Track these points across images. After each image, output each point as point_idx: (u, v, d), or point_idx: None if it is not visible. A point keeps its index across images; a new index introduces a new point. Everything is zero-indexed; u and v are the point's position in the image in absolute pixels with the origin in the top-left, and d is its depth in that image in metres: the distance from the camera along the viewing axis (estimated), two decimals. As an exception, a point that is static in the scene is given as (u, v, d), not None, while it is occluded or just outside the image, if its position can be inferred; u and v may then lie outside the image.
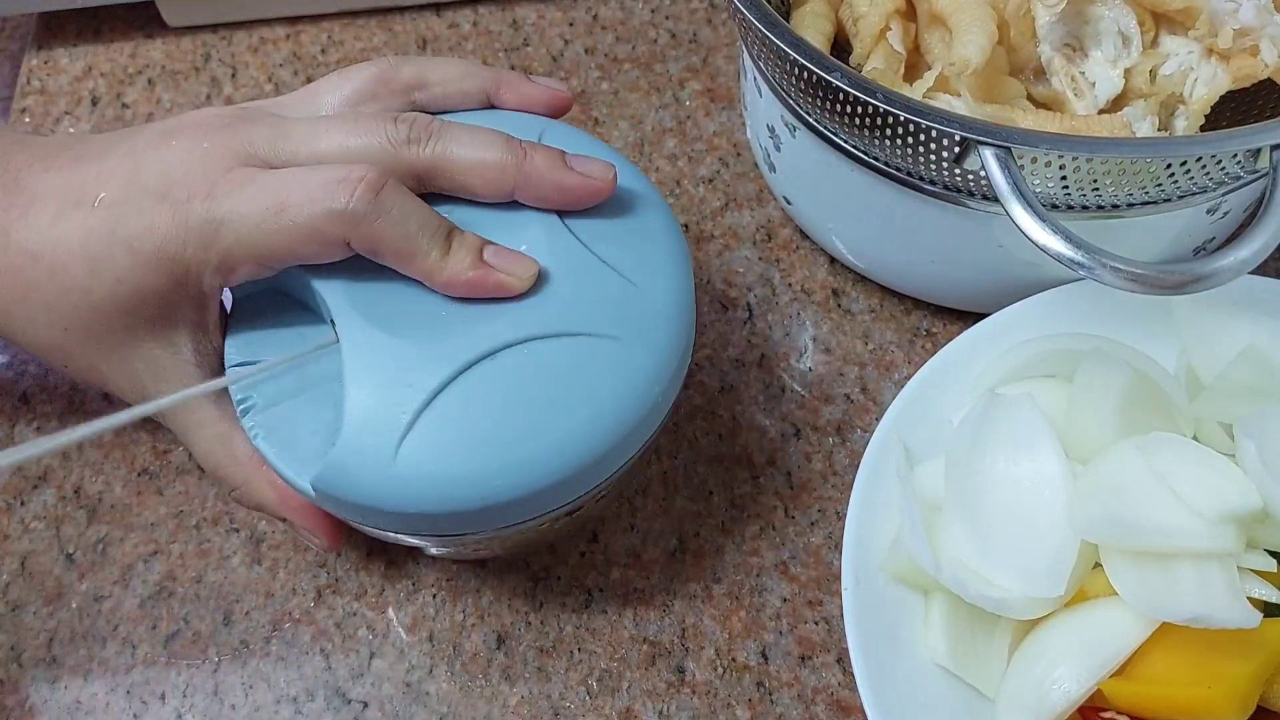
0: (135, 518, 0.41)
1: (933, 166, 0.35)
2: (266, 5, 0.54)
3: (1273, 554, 0.32)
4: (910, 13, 0.41)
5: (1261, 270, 0.37)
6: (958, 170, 0.35)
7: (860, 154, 0.38)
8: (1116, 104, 0.40)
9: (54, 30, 0.55)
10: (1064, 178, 0.34)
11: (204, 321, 0.34)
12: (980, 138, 0.33)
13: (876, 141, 0.36)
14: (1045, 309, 0.38)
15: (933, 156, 0.35)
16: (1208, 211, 0.38)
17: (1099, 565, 0.32)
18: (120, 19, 0.55)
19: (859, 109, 0.35)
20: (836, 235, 0.43)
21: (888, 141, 0.36)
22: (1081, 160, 0.33)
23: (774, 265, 0.46)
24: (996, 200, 0.33)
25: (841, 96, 0.35)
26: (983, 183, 0.35)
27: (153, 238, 0.31)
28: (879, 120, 0.35)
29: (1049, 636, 0.32)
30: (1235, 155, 0.33)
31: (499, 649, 0.38)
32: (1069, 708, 0.31)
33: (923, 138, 0.34)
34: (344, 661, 0.38)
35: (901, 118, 0.34)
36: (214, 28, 0.55)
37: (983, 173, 0.33)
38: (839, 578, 0.34)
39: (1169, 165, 0.33)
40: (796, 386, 0.43)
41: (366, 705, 0.37)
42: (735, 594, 0.39)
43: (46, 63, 0.54)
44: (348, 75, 0.36)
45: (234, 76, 0.53)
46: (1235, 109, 0.42)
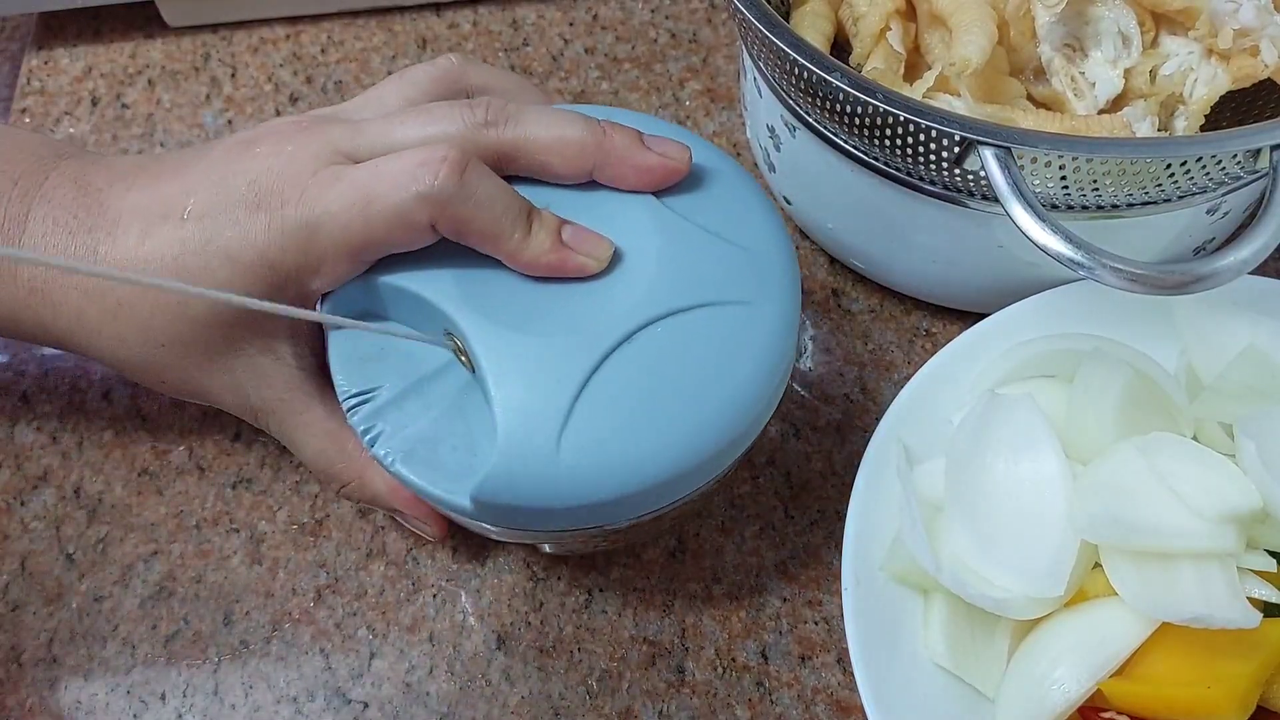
0: (135, 518, 0.41)
1: (933, 167, 0.35)
2: (266, 5, 0.54)
3: (1273, 554, 0.32)
4: (910, 13, 0.41)
5: (1261, 270, 0.37)
6: (958, 170, 0.35)
7: (860, 154, 0.38)
8: (1116, 104, 0.40)
9: (54, 30, 0.55)
10: (1064, 178, 0.34)
11: (303, 325, 0.34)
12: (980, 138, 0.33)
13: (876, 142, 0.36)
14: (1045, 309, 0.38)
15: (933, 157, 0.35)
16: (1208, 211, 0.38)
17: (1099, 565, 0.32)
18: (120, 19, 0.55)
19: (859, 109, 0.35)
20: (836, 235, 0.43)
21: (888, 142, 0.36)
22: (1081, 160, 0.33)
23: (774, 265, 0.46)
24: (996, 200, 0.33)
25: (841, 96, 0.35)
26: (983, 183, 0.35)
27: (251, 247, 0.31)
28: (879, 120, 0.35)
29: (1049, 636, 0.32)
30: (1235, 155, 0.33)
31: (499, 649, 0.38)
32: (1069, 708, 0.31)
33: (923, 138, 0.34)
34: (344, 661, 0.38)
35: (901, 118, 0.34)
36: (214, 28, 0.55)
37: (983, 173, 0.33)
38: (839, 578, 0.34)
39: (1169, 165, 0.33)
40: (796, 386, 0.43)
41: (366, 705, 0.37)
42: (735, 594, 0.39)
43: (46, 63, 0.54)
44: (408, 76, 0.35)
45: (234, 76, 0.53)
46: (1235, 109, 0.42)
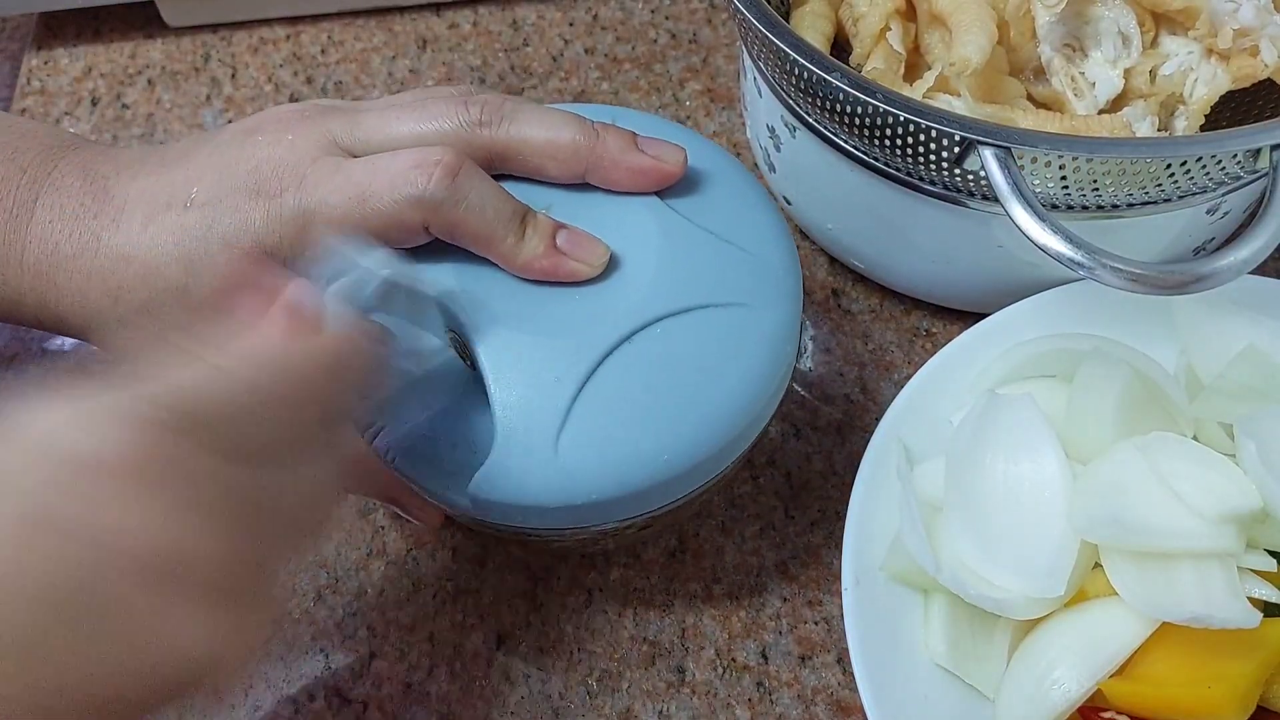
0: (135, 518, 0.40)
1: (933, 167, 0.35)
2: (266, 5, 0.54)
3: (1273, 554, 0.32)
4: (910, 13, 0.41)
5: (1261, 270, 0.37)
6: (958, 171, 0.35)
7: (860, 154, 0.38)
8: (1116, 104, 0.40)
9: (54, 30, 0.55)
10: (1064, 178, 0.34)
11: None
12: (980, 138, 0.33)
13: (876, 142, 0.36)
14: (1045, 309, 0.38)
15: (933, 157, 0.35)
16: (1208, 211, 0.38)
17: (1099, 565, 0.32)
18: (120, 19, 0.55)
19: (859, 109, 0.35)
20: (836, 235, 0.43)
21: (888, 142, 0.36)
22: (1081, 160, 0.33)
23: (774, 265, 0.46)
24: (996, 200, 0.33)
25: (841, 96, 0.35)
26: (983, 183, 0.35)
27: (249, 233, 0.31)
28: (879, 120, 0.35)
29: (1049, 636, 0.32)
30: (1235, 155, 0.33)
31: (499, 649, 0.38)
32: (1069, 708, 0.31)
33: (923, 138, 0.34)
34: (344, 661, 0.38)
35: (901, 118, 0.34)
36: (214, 28, 0.55)
37: (983, 173, 0.33)
38: (839, 578, 0.34)
39: (1169, 165, 0.33)
40: (796, 386, 0.43)
41: (366, 705, 0.37)
42: (735, 594, 0.39)
43: (46, 63, 0.54)
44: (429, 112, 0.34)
45: (234, 76, 0.53)
46: (1235, 109, 0.42)
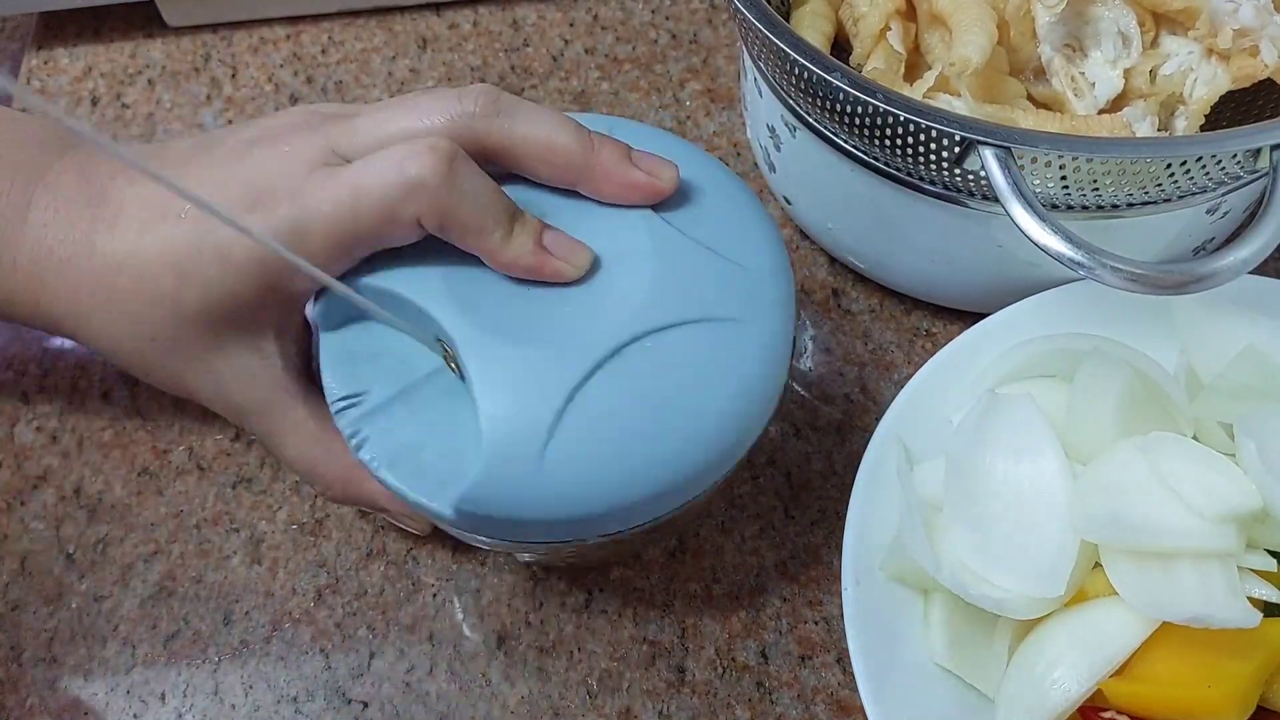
0: (135, 518, 0.41)
1: (933, 167, 0.35)
2: (266, 5, 0.54)
3: (1273, 554, 0.32)
4: (910, 13, 0.41)
5: (1261, 270, 0.37)
6: (958, 170, 0.35)
7: (860, 154, 0.38)
8: (1116, 104, 0.40)
9: (54, 30, 0.55)
10: (1064, 178, 0.34)
11: (289, 325, 0.34)
12: (980, 138, 0.33)
13: (876, 142, 0.36)
14: (1045, 309, 0.38)
15: (933, 157, 0.35)
16: (1208, 211, 0.38)
17: (1099, 565, 0.32)
18: (120, 19, 0.55)
19: (859, 109, 0.35)
20: (836, 235, 0.43)
21: (888, 142, 0.36)
22: (1081, 160, 0.33)
23: (774, 265, 0.46)
24: (996, 200, 0.33)
25: (841, 96, 0.35)
26: (983, 183, 0.35)
27: (243, 245, 0.31)
28: (879, 120, 0.35)
29: (1049, 636, 0.32)
30: (1235, 155, 0.33)
31: (499, 649, 0.38)
32: (1069, 708, 0.31)
33: (923, 138, 0.34)
34: (344, 661, 0.38)
35: (901, 118, 0.34)
36: (214, 28, 0.55)
37: (983, 173, 0.33)
38: (839, 578, 0.34)
39: (1169, 165, 0.33)
40: (796, 386, 0.43)
41: (366, 705, 0.37)
42: (735, 594, 0.39)
43: (46, 63, 0.54)
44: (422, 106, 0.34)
45: (234, 76, 0.53)
46: (1235, 109, 0.42)
